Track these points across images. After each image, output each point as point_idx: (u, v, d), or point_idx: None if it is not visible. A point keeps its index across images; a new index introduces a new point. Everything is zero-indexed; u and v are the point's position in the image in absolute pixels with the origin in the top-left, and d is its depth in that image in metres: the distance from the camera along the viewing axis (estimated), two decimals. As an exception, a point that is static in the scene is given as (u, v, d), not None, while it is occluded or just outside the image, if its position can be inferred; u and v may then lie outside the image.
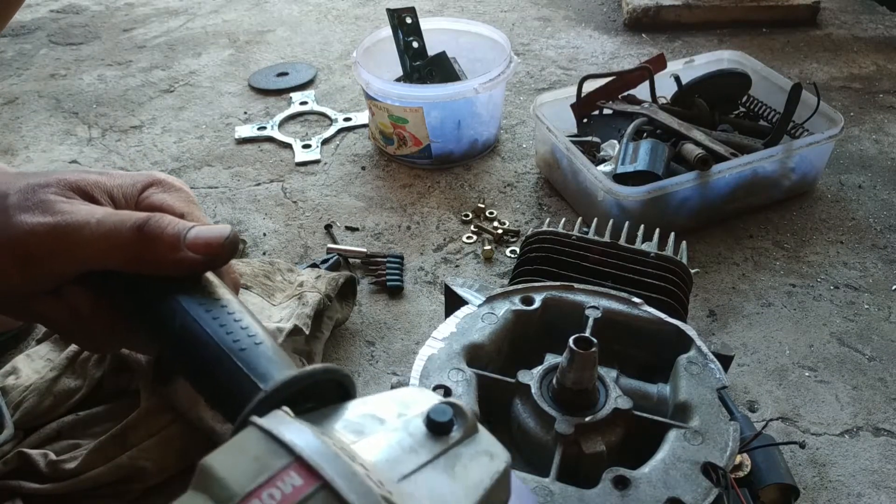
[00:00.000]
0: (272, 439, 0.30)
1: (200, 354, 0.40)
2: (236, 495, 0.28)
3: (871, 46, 1.71)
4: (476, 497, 0.33)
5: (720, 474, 0.54)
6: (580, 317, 0.69)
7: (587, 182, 1.12)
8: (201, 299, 0.42)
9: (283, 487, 0.28)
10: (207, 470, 0.29)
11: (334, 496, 0.28)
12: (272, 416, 0.32)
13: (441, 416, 0.35)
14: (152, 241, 0.43)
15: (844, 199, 1.24)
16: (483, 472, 0.34)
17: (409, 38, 1.36)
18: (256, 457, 0.29)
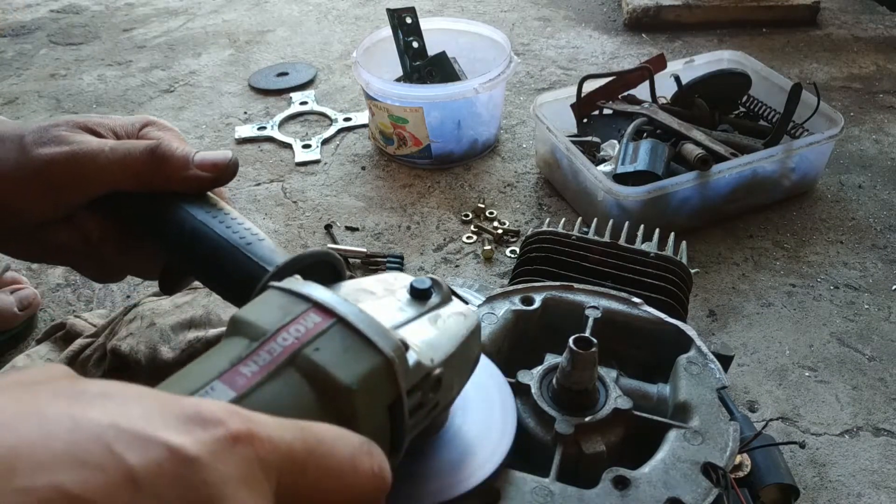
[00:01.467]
0: (290, 293, 0.36)
1: (211, 251, 0.46)
2: (267, 332, 0.33)
3: (871, 46, 1.71)
4: (456, 342, 0.41)
5: (720, 474, 0.54)
6: (580, 317, 0.69)
7: (587, 182, 1.12)
8: (207, 208, 0.48)
9: (306, 324, 0.34)
10: (239, 318, 0.34)
11: (348, 327, 0.34)
12: (287, 280, 0.37)
13: (422, 285, 0.42)
14: (164, 161, 0.47)
15: (844, 199, 1.24)
16: (460, 325, 0.42)
17: (409, 38, 1.36)
18: (280, 306, 0.35)
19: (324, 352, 0.33)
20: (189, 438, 0.24)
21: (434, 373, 0.38)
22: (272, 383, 0.32)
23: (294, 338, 0.33)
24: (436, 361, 0.38)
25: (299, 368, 0.32)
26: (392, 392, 0.35)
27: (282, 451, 0.27)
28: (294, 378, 0.32)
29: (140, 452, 0.23)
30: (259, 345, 0.33)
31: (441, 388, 0.39)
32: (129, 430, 0.23)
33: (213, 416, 0.25)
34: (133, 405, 0.24)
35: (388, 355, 0.34)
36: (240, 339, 0.33)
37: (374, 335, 0.34)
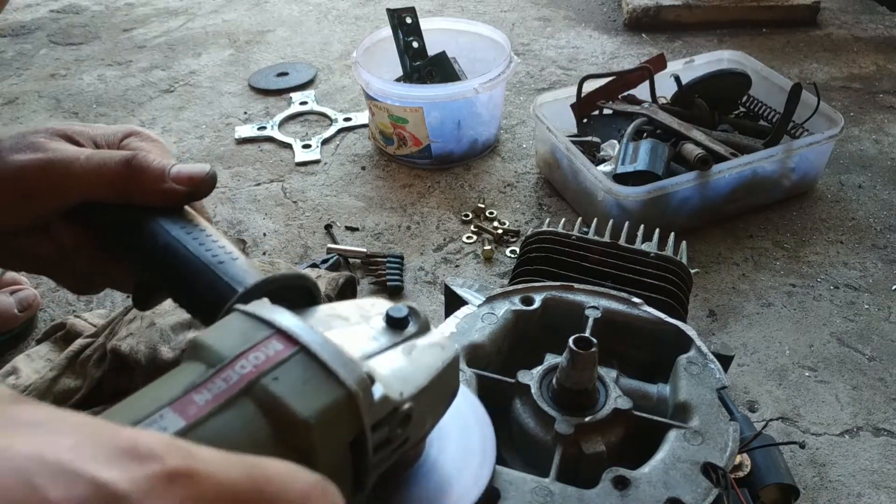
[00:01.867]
0: (254, 318, 0.34)
1: (183, 268, 0.44)
2: (225, 358, 0.32)
3: (871, 46, 1.71)
4: (430, 375, 0.39)
5: (720, 474, 0.54)
6: (580, 317, 0.69)
7: (587, 182, 1.12)
8: (182, 223, 0.47)
9: (267, 351, 0.33)
10: (199, 342, 0.33)
11: (310, 356, 0.33)
12: (253, 304, 0.36)
13: (398, 313, 0.40)
14: (139, 172, 0.47)
15: (844, 199, 1.24)
16: (436, 357, 0.40)
17: (409, 38, 1.36)
18: (242, 331, 0.34)
19: (282, 382, 0.32)
20: (120, 474, 0.22)
21: (403, 407, 0.36)
22: (225, 413, 0.30)
23: (252, 365, 0.32)
24: (405, 395, 0.36)
25: (255, 399, 0.31)
26: (354, 427, 0.33)
27: (225, 490, 0.24)
28: (249, 409, 0.31)
29: (63, 488, 0.21)
30: (215, 371, 0.32)
31: (410, 424, 0.37)
32: (55, 463, 0.22)
33: (149, 450, 0.24)
34: (64, 436, 0.23)
35: (351, 388, 0.33)
36: (197, 364, 0.32)
37: (337, 366, 0.33)
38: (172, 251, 0.45)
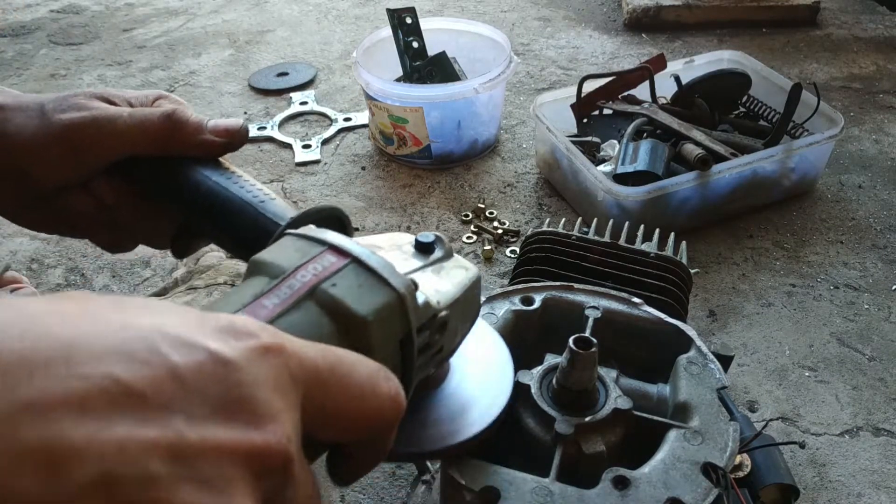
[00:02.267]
0: (306, 238, 0.38)
1: (228, 210, 0.48)
2: (286, 270, 0.35)
3: (871, 46, 1.71)
4: (460, 289, 0.43)
5: (720, 474, 0.54)
6: (580, 317, 0.69)
7: (587, 182, 1.12)
8: (221, 170, 0.50)
9: (323, 262, 0.36)
10: (259, 260, 0.36)
11: (362, 265, 0.36)
12: (303, 228, 0.39)
13: (426, 239, 0.44)
14: (180, 126, 0.50)
15: (844, 200, 1.24)
16: (462, 276, 0.44)
17: (409, 38, 1.36)
18: (297, 248, 0.37)
19: (340, 287, 0.35)
20: (226, 346, 0.26)
21: (440, 314, 0.40)
22: (293, 314, 0.33)
23: (312, 274, 0.35)
24: (442, 304, 0.40)
25: (318, 301, 0.34)
26: (403, 327, 0.37)
27: (308, 366, 0.29)
28: (313, 310, 0.34)
29: (183, 353, 0.25)
30: (279, 281, 0.35)
31: (446, 332, 0.41)
32: (173, 335, 0.26)
33: (245, 328, 0.28)
34: (174, 316, 0.27)
35: (401, 291, 0.36)
36: (260, 277, 0.35)
37: (386, 273, 0.36)
38: (215, 195, 0.48)
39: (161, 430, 0.24)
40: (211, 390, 0.25)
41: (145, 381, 0.24)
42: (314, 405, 0.29)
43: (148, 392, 0.24)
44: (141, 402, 0.24)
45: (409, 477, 0.81)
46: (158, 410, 0.24)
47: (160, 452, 0.24)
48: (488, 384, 0.54)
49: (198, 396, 0.25)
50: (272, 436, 0.26)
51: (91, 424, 0.23)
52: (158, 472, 0.23)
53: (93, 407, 0.23)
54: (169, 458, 0.24)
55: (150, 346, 0.25)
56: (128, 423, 0.23)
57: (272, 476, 0.27)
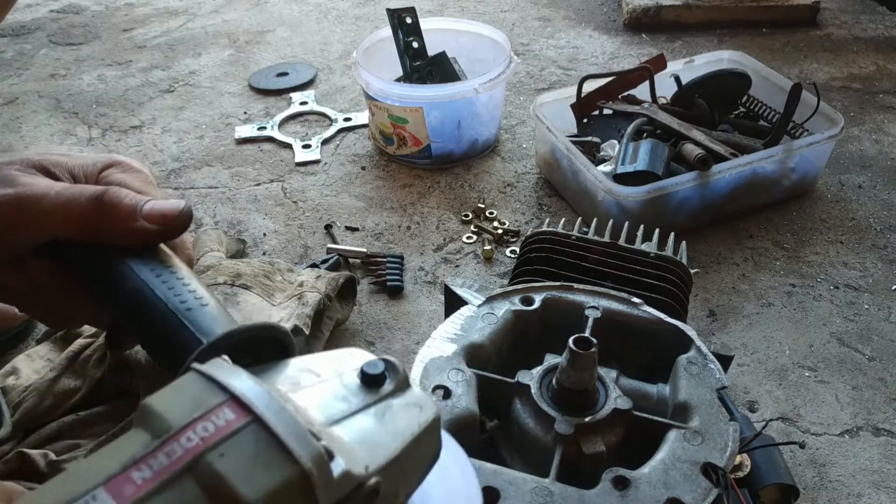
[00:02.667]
0: (209, 381, 0.32)
1: (149, 314, 0.42)
2: (172, 428, 0.30)
3: (871, 46, 1.71)
4: (403, 443, 0.35)
5: (720, 474, 0.54)
6: (580, 317, 0.69)
7: (587, 182, 1.12)
8: (153, 265, 0.44)
9: (217, 421, 0.30)
10: (147, 407, 0.31)
11: (264, 429, 0.30)
12: (211, 363, 0.33)
13: (373, 369, 0.37)
14: (110, 210, 0.45)
15: (844, 200, 1.24)
16: (412, 420, 0.36)
17: (409, 38, 1.36)
18: (193, 396, 0.32)
19: (229, 458, 0.30)
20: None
21: (368, 483, 0.33)
22: (164, 495, 0.29)
23: (200, 438, 0.30)
24: (371, 469, 0.33)
25: (198, 477, 0.29)
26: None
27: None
28: (190, 489, 0.29)
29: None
30: (160, 444, 0.30)
31: (378, 498, 0.34)
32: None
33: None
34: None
35: (305, 466, 0.30)
36: (142, 433, 0.31)
37: (291, 441, 0.30)
38: (140, 295, 0.43)
39: None
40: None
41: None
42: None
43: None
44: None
45: (409, 477, 0.81)
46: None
47: None
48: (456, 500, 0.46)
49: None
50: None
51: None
52: None
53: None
54: None
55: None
56: None
57: None
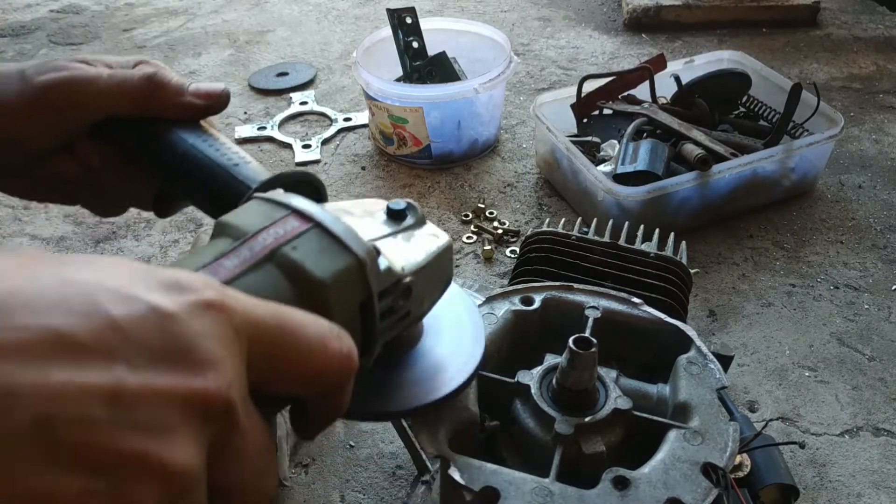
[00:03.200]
0: (272, 202, 0.38)
1: (202, 172, 0.49)
2: (248, 232, 0.36)
3: (871, 46, 1.71)
4: (428, 256, 0.44)
5: (720, 474, 0.54)
6: (580, 317, 0.69)
7: (587, 182, 1.12)
8: (198, 133, 0.51)
9: (285, 226, 0.37)
10: (223, 221, 0.37)
11: (324, 231, 0.37)
12: (269, 192, 0.40)
13: (397, 206, 0.45)
14: (160, 87, 0.50)
15: (844, 199, 1.24)
16: (432, 243, 0.45)
17: (409, 38, 1.36)
18: (261, 212, 0.38)
19: (301, 250, 0.35)
20: (168, 300, 0.27)
21: (404, 280, 0.41)
22: (252, 275, 0.34)
23: (273, 237, 0.36)
24: (407, 270, 0.41)
25: (278, 264, 0.35)
26: (363, 292, 0.38)
27: (252, 322, 0.29)
28: (273, 272, 0.35)
29: (123, 306, 0.26)
30: (240, 243, 0.35)
31: (411, 297, 0.42)
32: (113, 289, 0.26)
33: (189, 284, 0.28)
34: (117, 270, 0.27)
35: (361, 257, 0.37)
36: (223, 239, 0.36)
37: (348, 239, 0.37)
38: (191, 157, 0.49)
39: (101, 377, 0.24)
40: (151, 341, 0.26)
41: (85, 332, 0.25)
42: (259, 360, 0.30)
43: (88, 341, 0.25)
44: (81, 351, 0.24)
45: (409, 477, 0.81)
46: (98, 358, 0.25)
47: (100, 397, 0.24)
48: (460, 347, 0.54)
49: (138, 346, 0.26)
50: (212, 382, 0.27)
51: (30, 370, 0.23)
52: (98, 416, 0.24)
53: (31, 354, 0.24)
54: (109, 403, 0.24)
55: (89, 300, 0.26)
56: (67, 370, 0.24)
57: (215, 422, 0.27)
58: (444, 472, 0.55)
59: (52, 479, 0.23)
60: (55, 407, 0.23)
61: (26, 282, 0.25)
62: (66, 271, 0.26)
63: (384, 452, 0.84)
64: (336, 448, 0.84)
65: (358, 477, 0.81)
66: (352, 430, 0.86)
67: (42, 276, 0.26)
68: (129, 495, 0.25)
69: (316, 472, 0.82)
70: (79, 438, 0.24)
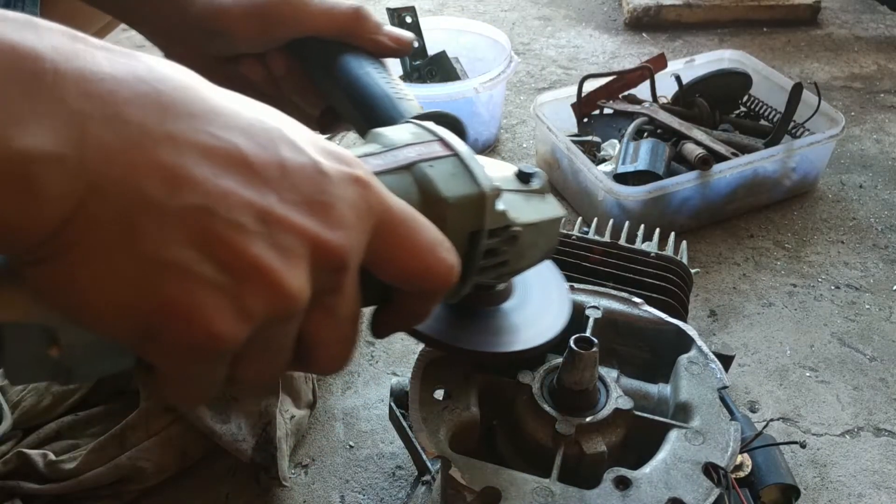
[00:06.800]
0: (423, 128, 0.44)
1: (368, 95, 0.55)
2: (396, 144, 0.41)
3: (872, 46, 1.71)
4: (539, 217, 0.48)
5: (721, 474, 0.54)
6: (580, 317, 0.69)
7: (587, 182, 1.12)
8: (377, 66, 0.57)
9: (429, 148, 0.42)
10: (376, 132, 0.43)
11: (460, 160, 0.42)
12: (424, 122, 0.45)
13: (528, 170, 0.49)
14: (364, 20, 0.57)
15: (845, 199, 1.24)
16: (546, 209, 0.49)
17: (410, 37, 1.36)
18: (412, 133, 0.43)
19: (436, 170, 0.41)
20: (327, 161, 0.32)
21: (513, 228, 0.44)
22: (390, 176, 0.39)
23: (416, 153, 0.41)
24: (518, 220, 0.45)
25: (414, 175, 0.40)
26: (477, 221, 0.42)
27: (385, 207, 0.34)
28: (408, 179, 0.40)
29: (293, 153, 0.32)
30: (388, 149, 0.41)
31: (515, 247, 0.46)
32: (290, 138, 0.32)
33: (347, 158, 0.34)
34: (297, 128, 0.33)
35: (484, 189, 0.41)
36: (374, 144, 0.42)
37: (478, 173, 0.42)
38: (364, 81, 0.55)
39: (257, 197, 0.30)
40: (304, 187, 0.31)
41: (259, 160, 0.30)
42: (379, 240, 0.34)
43: (258, 168, 0.30)
44: (250, 173, 0.30)
45: (409, 477, 0.81)
46: (261, 184, 0.30)
47: (252, 210, 0.29)
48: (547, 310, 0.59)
49: (292, 187, 0.31)
50: (337, 238, 0.32)
51: (209, 169, 0.29)
52: (245, 223, 0.29)
53: (214, 159, 0.29)
54: (256, 218, 0.30)
55: (271, 138, 0.31)
56: (235, 182, 0.29)
57: (327, 272, 0.32)
58: (444, 472, 0.55)
59: (190, 258, 0.28)
60: (218, 204, 0.28)
61: (234, 105, 0.31)
62: (263, 112, 0.32)
63: (384, 452, 0.83)
64: (336, 448, 0.84)
65: (358, 477, 0.81)
66: (352, 431, 0.86)
67: (245, 106, 0.32)
68: (244, 296, 0.29)
69: (316, 472, 0.82)
70: (226, 235, 0.29)
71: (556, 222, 0.50)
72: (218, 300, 0.29)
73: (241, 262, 0.29)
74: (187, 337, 0.29)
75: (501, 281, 0.53)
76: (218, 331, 0.29)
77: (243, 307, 0.29)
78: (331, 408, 0.88)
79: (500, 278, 0.51)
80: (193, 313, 0.28)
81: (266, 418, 0.77)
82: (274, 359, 0.33)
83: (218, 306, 0.29)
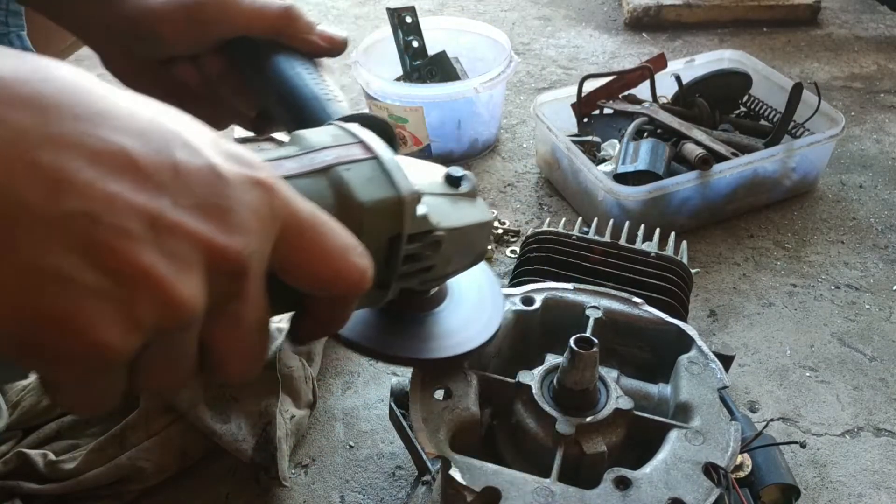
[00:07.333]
0: (346, 130, 0.43)
1: (300, 99, 0.54)
2: (315, 147, 0.41)
3: (872, 46, 1.71)
4: (466, 223, 0.47)
5: (721, 474, 0.54)
6: (580, 317, 0.69)
7: (587, 182, 1.12)
8: (309, 68, 0.57)
9: (348, 151, 0.41)
10: (297, 134, 0.42)
11: (380, 164, 0.41)
12: (347, 124, 0.44)
13: (455, 173, 0.48)
14: (294, 19, 0.57)
15: (845, 199, 1.24)
16: (472, 214, 0.48)
17: (409, 37, 1.36)
18: (333, 135, 0.42)
19: (353, 173, 0.40)
20: (226, 164, 0.31)
21: (436, 232, 0.43)
22: (304, 179, 0.38)
23: (334, 157, 0.40)
24: (441, 225, 0.44)
25: (329, 179, 0.39)
26: (395, 226, 0.41)
27: (291, 210, 0.33)
28: (322, 183, 0.39)
29: (188, 156, 0.30)
30: (305, 152, 0.40)
31: (439, 252, 0.45)
32: (187, 141, 0.31)
33: (249, 160, 0.32)
34: (195, 129, 0.32)
35: (403, 194, 0.40)
36: (293, 147, 0.41)
37: (397, 176, 0.41)
38: (294, 83, 0.55)
39: (147, 201, 0.28)
40: (198, 191, 0.30)
41: (149, 162, 0.29)
42: (286, 245, 0.33)
43: (149, 171, 0.29)
44: (140, 176, 0.28)
45: (409, 477, 0.81)
46: (152, 188, 0.29)
47: (140, 216, 0.28)
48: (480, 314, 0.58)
49: (186, 191, 0.29)
50: (234, 243, 0.30)
51: (93, 173, 0.27)
52: (133, 228, 0.28)
53: (100, 163, 0.28)
54: (145, 223, 0.28)
55: (164, 140, 0.30)
56: (123, 186, 0.28)
57: (225, 279, 0.31)
58: (444, 472, 0.55)
59: (72, 265, 0.27)
60: (102, 209, 0.27)
61: (124, 108, 0.30)
62: (162, 114, 0.31)
63: (384, 452, 0.83)
64: (336, 448, 0.84)
65: (358, 477, 0.81)
66: (352, 431, 0.86)
67: (143, 109, 0.30)
68: (131, 306, 0.28)
69: (316, 472, 0.82)
70: (111, 242, 0.27)
71: (484, 226, 0.49)
72: (103, 309, 0.27)
73: (128, 269, 0.28)
74: (69, 347, 0.27)
75: (429, 286, 0.52)
76: (103, 340, 0.28)
77: (131, 316, 0.28)
78: (331, 408, 0.88)
79: (427, 284, 0.50)
80: (75, 323, 0.27)
81: (266, 418, 0.77)
82: (175, 367, 0.32)
83: (103, 315, 0.27)
